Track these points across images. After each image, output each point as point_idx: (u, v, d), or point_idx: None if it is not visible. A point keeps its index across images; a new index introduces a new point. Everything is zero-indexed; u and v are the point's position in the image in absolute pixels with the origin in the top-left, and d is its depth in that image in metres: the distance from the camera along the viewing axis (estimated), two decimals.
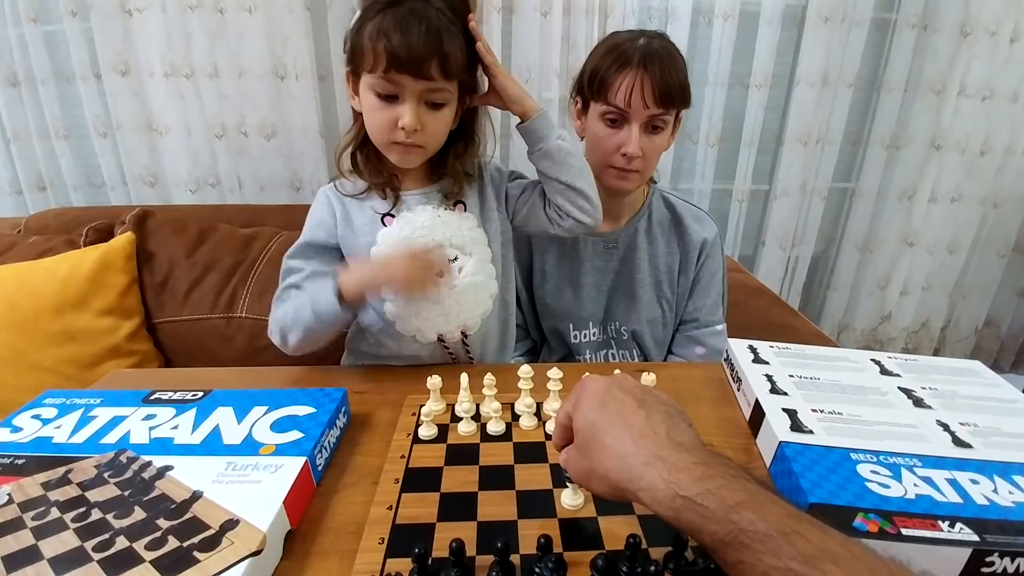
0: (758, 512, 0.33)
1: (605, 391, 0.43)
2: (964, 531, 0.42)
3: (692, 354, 0.97)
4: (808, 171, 1.65)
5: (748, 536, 0.32)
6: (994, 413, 0.59)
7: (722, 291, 0.99)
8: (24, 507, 0.45)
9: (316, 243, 0.78)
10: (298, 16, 1.36)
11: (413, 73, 0.66)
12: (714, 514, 0.34)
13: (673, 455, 0.37)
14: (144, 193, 1.52)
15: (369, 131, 0.74)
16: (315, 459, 0.53)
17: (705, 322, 0.97)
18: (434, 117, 0.72)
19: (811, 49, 1.51)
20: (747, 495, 0.34)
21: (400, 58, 0.65)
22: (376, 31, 0.65)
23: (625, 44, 0.82)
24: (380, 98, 0.69)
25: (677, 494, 0.35)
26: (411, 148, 0.73)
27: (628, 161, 0.84)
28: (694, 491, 0.35)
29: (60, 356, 1.07)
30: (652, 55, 0.80)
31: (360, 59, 0.68)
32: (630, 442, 0.39)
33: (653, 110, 0.81)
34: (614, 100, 0.81)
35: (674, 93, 0.80)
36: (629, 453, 0.38)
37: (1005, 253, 1.82)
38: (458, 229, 0.78)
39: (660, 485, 0.36)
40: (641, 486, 0.37)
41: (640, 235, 0.96)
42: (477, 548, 0.44)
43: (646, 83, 0.79)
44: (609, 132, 0.84)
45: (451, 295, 0.77)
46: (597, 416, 0.42)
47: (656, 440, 0.38)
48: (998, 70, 1.55)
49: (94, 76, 1.41)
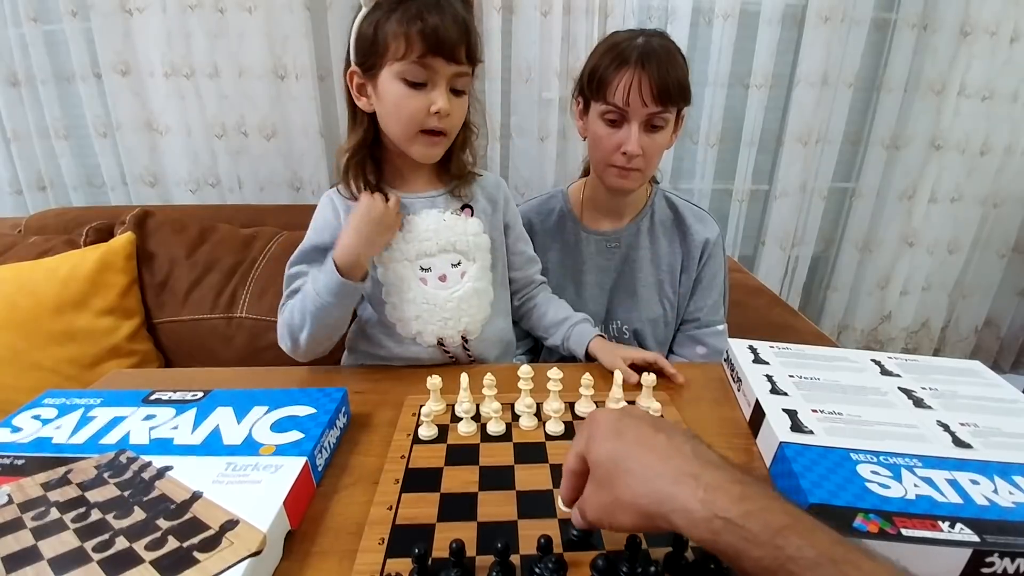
0: (806, 538, 0.31)
1: (617, 420, 0.41)
2: (964, 531, 0.41)
3: (693, 354, 0.97)
4: (808, 171, 1.65)
5: (796, 564, 0.30)
6: (994, 413, 0.59)
7: (723, 291, 0.99)
8: (24, 507, 0.45)
9: (321, 245, 0.77)
10: (298, 16, 1.36)
11: (447, 56, 0.67)
12: (757, 538, 0.31)
13: (706, 473, 0.34)
14: (144, 193, 1.52)
15: (395, 123, 0.72)
16: (315, 459, 0.53)
17: (706, 322, 0.97)
18: (458, 103, 0.72)
19: (811, 49, 1.51)
20: (792, 519, 0.32)
21: (437, 40, 0.65)
22: (407, 17, 0.65)
23: (624, 43, 0.82)
24: (409, 86, 0.68)
25: (715, 515, 0.32)
26: (438, 138, 0.72)
27: (628, 160, 0.84)
28: (734, 512, 0.32)
29: (60, 356, 1.07)
30: (650, 53, 0.80)
31: (383, 50, 0.67)
32: (657, 462, 0.36)
33: (652, 108, 0.81)
34: (613, 99, 0.82)
35: (672, 91, 0.80)
36: (658, 474, 0.35)
37: (1005, 253, 1.82)
38: (463, 234, 0.78)
39: (695, 505, 0.33)
40: (674, 507, 0.34)
41: (642, 234, 0.96)
42: (477, 548, 0.44)
43: (644, 81, 0.79)
44: (609, 131, 0.84)
45: (453, 300, 0.78)
46: (615, 445, 0.38)
47: (684, 458, 0.36)
48: (998, 70, 1.55)
49: (94, 76, 1.41)
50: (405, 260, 0.76)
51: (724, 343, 0.92)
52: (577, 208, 0.99)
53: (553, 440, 0.60)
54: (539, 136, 1.51)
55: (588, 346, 0.81)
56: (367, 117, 0.74)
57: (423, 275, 0.77)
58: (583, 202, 0.99)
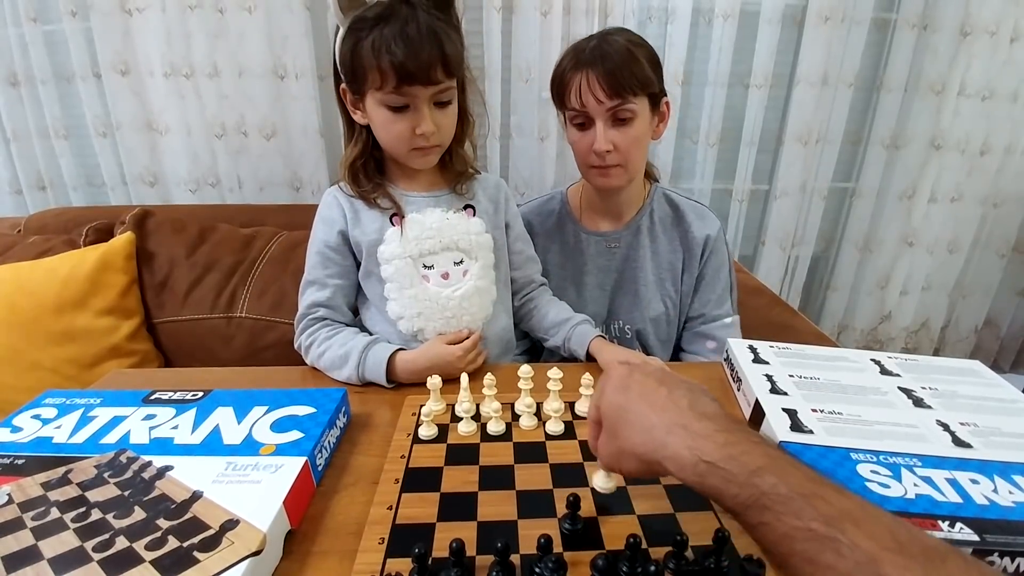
0: (779, 476, 0.34)
1: (627, 375, 0.45)
2: (964, 531, 0.42)
3: (703, 349, 0.96)
4: (808, 171, 1.65)
5: (769, 499, 0.33)
6: (994, 413, 0.59)
7: (729, 284, 0.98)
8: (24, 507, 0.45)
9: (329, 245, 0.78)
10: (298, 16, 1.36)
11: (422, 82, 0.67)
12: (736, 478, 0.35)
13: (695, 423, 0.38)
14: (144, 193, 1.52)
15: (386, 144, 0.75)
16: (315, 459, 0.53)
17: (712, 316, 0.96)
18: (444, 114, 0.73)
19: (811, 49, 1.51)
20: (768, 460, 0.35)
21: (409, 71, 0.66)
22: (377, 49, 0.65)
23: (580, 47, 0.83)
24: (392, 111, 0.70)
25: (700, 459, 0.36)
26: (430, 150, 0.75)
27: (602, 158, 0.84)
28: (717, 456, 0.36)
29: (60, 356, 1.07)
30: (602, 51, 0.80)
31: (363, 78, 0.69)
32: (653, 415, 0.40)
33: (609, 103, 0.80)
34: (571, 103, 0.83)
35: (624, 82, 0.79)
36: (653, 425, 0.40)
37: (1005, 253, 1.82)
38: (465, 233, 0.79)
39: (684, 452, 0.37)
40: (666, 454, 0.38)
41: (642, 233, 0.96)
42: (477, 548, 0.44)
43: (593, 79, 0.79)
44: (580, 135, 0.85)
45: (455, 298, 0.78)
46: (621, 398, 0.43)
47: (678, 411, 0.40)
48: (998, 70, 1.55)
49: (94, 76, 1.41)
50: (408, 257, 0.77)
51: (734, 335, 0.92)
52: (576, 210, 0.99)
53: (553, 440, 0.60)
54: (539, 136, 1.51)
55: (589, 346, 0.81)
56: (364, 128, 0.76)
57: (426, 272, 0.78)
58: (581, 204, 0.99)
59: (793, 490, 0.33)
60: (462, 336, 0.78)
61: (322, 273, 0.79)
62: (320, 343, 0.76)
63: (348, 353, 0.73)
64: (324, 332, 0.77)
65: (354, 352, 0.72)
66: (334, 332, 0.77)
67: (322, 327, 0.78)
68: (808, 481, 0.34)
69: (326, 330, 0.77)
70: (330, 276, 0.79)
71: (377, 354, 0.72)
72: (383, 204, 0.78)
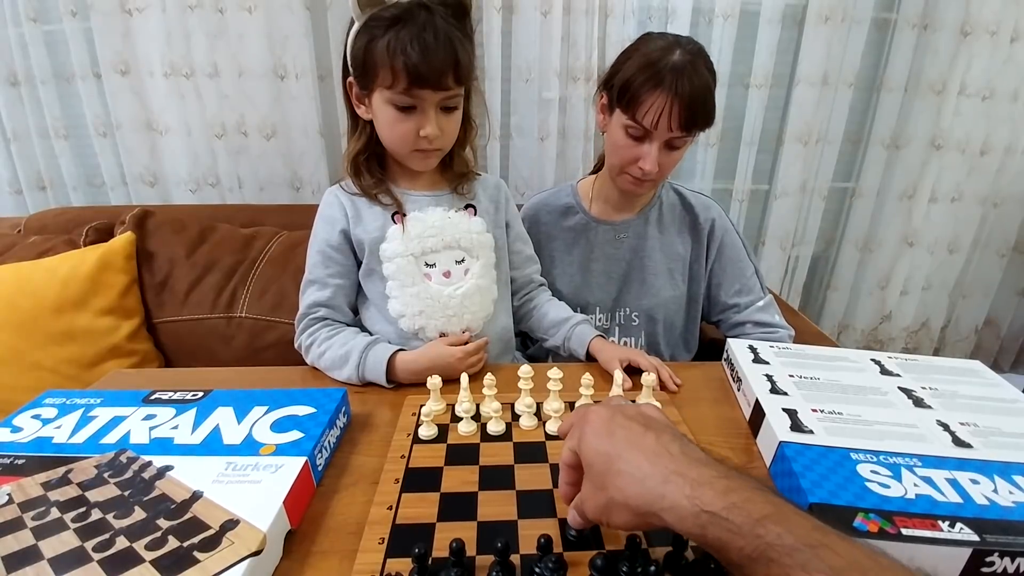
0: (785, 525, 0.32)
1: (609, 419, 0.42)
2: (964, 531, 0.42)
3: (749, 335, 0.95)
4: (808, 171, 1.64)
5: (776, 551, 0.31)
6: (994, 413, 0.59)
7: (753, 268, 0.99)
8: (24, 507, 0.45)
9: (331, 244, 0.79)
10: (298, 16, 1.36)
11: (433, 87, 0.68)
12: (740, 528, 0.33)
13: (692, 470, 0.36)
14: (144, 193, 1.51)
15: (388, 142, 0.75)
16: (315, 459, 0.53)
17: (744, 304, 0.97)
18: (449, 120, 0.74)
19: (811, 49, 1.51)
20: (773, 508, 0.33)
21: (422, 75, 0.66)
22: (392, 49, 0.66)
23: (659, 61, 0.79)
24: (399, 111, 0.70)
25: (702, 509, 0.34)
26: (431, 152, 0.75)
27: (644, 174, 0.85)
28: (719, 505, 0.34)
29: (60, 356, 1.07)
30: (691, 83, 0.78)
31: (374, 75, 0.69)
32: (646, 463, 0.38)
33: (676, 133, 0.81)
34: (641, 120, 0.81)
35: (699, 119, 0.81)
36: (647, 475, 0.37)
37: (1005, 253, 1.82)
38: (467, 232, 0.80)
39: (683, 502, 0.35)
40: (664, 506, 0.36)
41: (651, 224, 0.98)
42: (477, 548, 0.44)
43: (674, 109, 0.79)
44: (629, 143, 0.85)
45: (456, 296, 0.78)
46: (607, 445, 0.40)
47: (671, 458, 0.37)
48: (998, 70, 1.55)
49: (94, 76, 1.41)
50: (410, 255, 0.77)
51: (773, 315, 0.94)
52: (586, 201, 1.01)
53: (553, 440, 0.60)
54: (539, 136, 1.51)
55: (589, 346, 0.81)
56: (368, 123, 0.76)
57: (427, 271, 0.78)
58: (593, 196, 1.00)
59: (799, 540, 0.31)
60: (463, 339, 0.78)
61: (323, 272, 0.79)
62: (320, 343, 0.76)
63: (348, 353, 0.73)
64: (325, 332, 0.77)
65: (354, 352, 0.73)
66: (334, 332, 0.77)
67: (323, 327, 0.78)
68: (815, 530, 0.32)
69: (327, 330, 0.77)
70: (331, 276, 0.79)
71: (377, 354, 0.72)
72: (384, 200, 0.78)
